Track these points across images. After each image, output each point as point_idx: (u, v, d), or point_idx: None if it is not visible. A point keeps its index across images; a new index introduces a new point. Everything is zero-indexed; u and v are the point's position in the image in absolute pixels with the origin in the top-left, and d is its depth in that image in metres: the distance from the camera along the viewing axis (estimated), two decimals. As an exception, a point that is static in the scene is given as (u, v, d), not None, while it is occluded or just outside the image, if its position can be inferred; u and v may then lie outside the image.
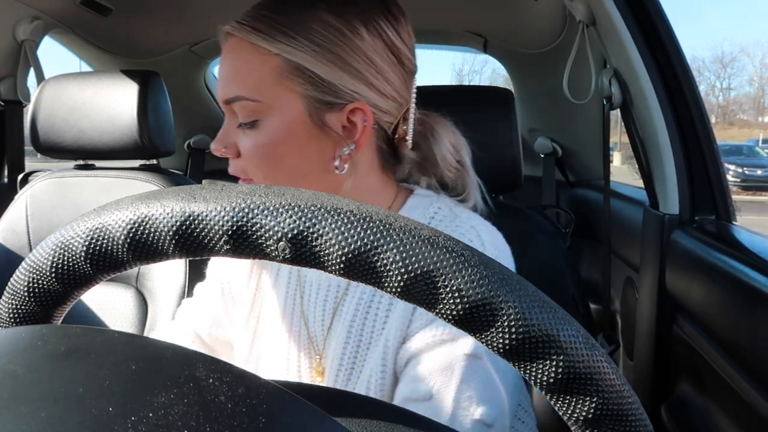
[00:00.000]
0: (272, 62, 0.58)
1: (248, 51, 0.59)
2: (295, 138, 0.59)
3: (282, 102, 0.58)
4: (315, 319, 0.67)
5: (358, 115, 0.60)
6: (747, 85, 48.70)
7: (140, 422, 0.18)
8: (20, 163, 1.61)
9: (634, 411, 0.25)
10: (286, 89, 0.58)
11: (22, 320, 0.30)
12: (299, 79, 0.58)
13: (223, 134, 0.62)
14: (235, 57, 0.60)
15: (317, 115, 0.59)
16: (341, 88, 0.58)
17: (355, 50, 0.58)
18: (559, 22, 1.39)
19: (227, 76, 0.60)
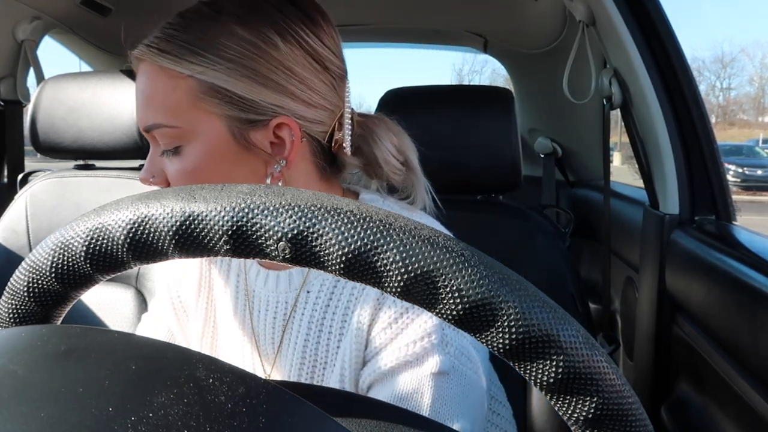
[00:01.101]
0: (185, 85, 0.54)
1: (160, 75, 0.55)
2: (221, 161, 0.56)
3: (201, 125, 0.55)
4: (265, 338, 0.65)
5: (285, 130, 0.56)
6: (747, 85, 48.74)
7: (140, 422, 0.18)
8: (20, 163, 1.61)
9: (634, 411, 0.25)
10: (204, 111, 0.54)
11: (21, 320, 0.30)
12: (216, 100, 0.54)
13: (150, 163, 0.59)
14: (148, 83, 0.56)
15: (241, 135, 0.55)
16: (261, 104, 0.55)
17: (271, 62, 0.55)
18: (559, 22, 1.40)
19: (142, 103, 0.57)
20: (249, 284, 0.67)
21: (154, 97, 0.56)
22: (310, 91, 0.58)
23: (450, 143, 1.04)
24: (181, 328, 0.74)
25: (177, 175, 0.56)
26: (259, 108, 0.55)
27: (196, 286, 0.72)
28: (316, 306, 0.62)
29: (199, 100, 0.54)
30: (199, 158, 0.55)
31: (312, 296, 0.63)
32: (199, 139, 0.55)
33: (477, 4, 1.50)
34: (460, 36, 1.77)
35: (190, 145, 0.55)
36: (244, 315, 0.67)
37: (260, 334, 0.66)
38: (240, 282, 0.68)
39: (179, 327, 0.74)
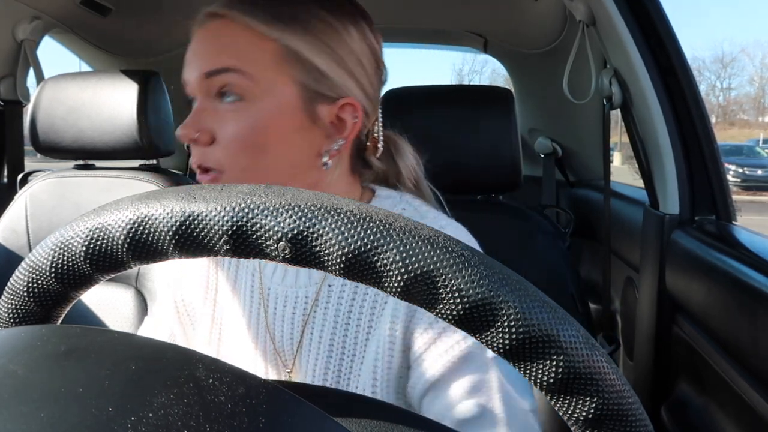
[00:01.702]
0: (269, 46, 0.55)
1: (245, 32, 0.55)
2: (285, 126, 0.56)
3: (277, 86, 0.56)
4: (283, 334, 0.64)
5: (348, 111, 0.59)
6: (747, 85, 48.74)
7: (140, 422, 0.18)
8: (20, 163, 1.61)
9: (634, 411, 0.25)
10: (283, 74, 0.56)
11: (21, 320, 0.30)
12: (298, 67, 0.56)
13: (195, 117, 0.56)
14: (227, 34, 0.56)
15: (310, 105, 0.57)
16: (336, 81, 0.58)
17: (345, 47, 0.58)
18: (559, 22, 1.40)
19: (215, 48, 0.56)
20: (264, 281, 0.66)
21: (233, 46, 0.56)
22: (369, 84, 0.61)
23: (450, 143, 1.04)
24: (184, 330, 0.73)
25: (234, 131, 0.55)
26: (333, 84, 0.58)
27: (203, 288, 0.71)
28: (340, 299, 0.61)
29: (281, 62, 0.56)
30: (264, 116, 0.55)
31: (335, 290, 0.62)
32: (268, 98, 0.55)
33: (477, 4, 1.50)
34: (460, 36, 1.77)
35: (256, 101, 0.55)
36: (258, 313, 0.66)
37: (276, 330, 0.65)
38: (255, 280, 0.67)
39: (182, 330, 0.73)
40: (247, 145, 0.55)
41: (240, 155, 0.56)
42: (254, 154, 0.56)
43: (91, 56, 1.79)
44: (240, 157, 0.56)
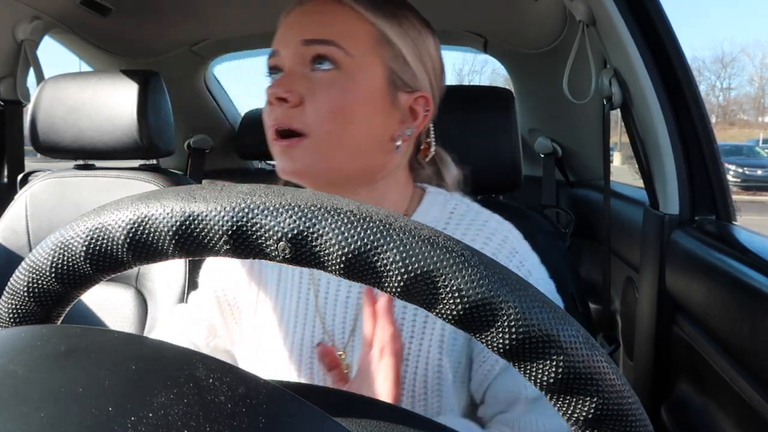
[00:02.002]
0: (368, 28, 0.61)
1: (349, 13, 0.61)
2: (370, 101, 0.61)
3: (369, 64, 0.61)
4: (335, 317, 0.66)
5: (421, 104, 0.65)
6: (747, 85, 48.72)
7: (140, 422, 0.18)
8: (20, 163, 1.61)
9: (634, 411, 0.25)
10: (377, 56, 0.61)
11: (21, 320, 0.30)
12: (389, 50, 0.62)
13: (287, 78, 0.60)
14: (330, 12, 0.61)
15: (393, 89, 0.63)
16: (416, 73, 0.64)
17: (425, 49, 0.65)
18: (559, 22, 1.39)
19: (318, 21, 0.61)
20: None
21: (335, 22, 0.61)
22: (437, 89, 0.68)
23: (450, 143, 1.04)
24: (225, 322, 0.74)
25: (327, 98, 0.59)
26: (412, 75, 0.64)
27: (246, 279, 0.72)
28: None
29: (375, 44, 0.62)
30: (355, 88, 0.60)
31: None
32: (361, 73, 0.61)
33: (477, 4, 1.50)
34: (460, 36, 1.77)
35: (349, 74, 0.60)
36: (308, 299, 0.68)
37: (327, 313, 0.66)
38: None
39: (223, 321, 0.74)
40: (336, 111, 0.59)
41: (328, 120, 0.59)
42: (341, 121, 0.60)
43: (91, 56, 1.79)
44: (327, 122, 0.59)
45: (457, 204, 0.69)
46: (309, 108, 0.59)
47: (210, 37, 1.75)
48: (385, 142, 0.63)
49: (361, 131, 0.61)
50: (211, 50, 1.87)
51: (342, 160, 0.62)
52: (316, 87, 0.59)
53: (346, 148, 0.61)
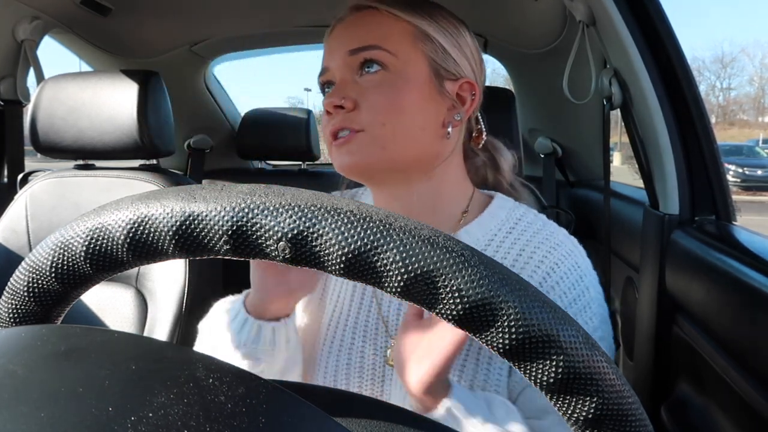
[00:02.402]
0: (407, 28, 0.66)
1: (386, 17, 0.66)
2: (419, 92, 0.65)
3: (413, 60, 0.65)
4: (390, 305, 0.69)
5: (466, 90, 0.69)
6: (747, 85, 48.69)
7: (140, 422, 0.18)
8: (20, 163, 1.61)
9: (634, 411, 0.25)
10: (418, 50, 0.66)
11: (21, 320, 0.30)
12: (429, 45, 0.66)
13: (340, 88, 0.65)
14: (369, 21, 0.66)
15: (438, 78, 0.66)
16: (458, 62, 0.68)
17: (463, 40, 0.70)
18: (559, 22, 1.39)
19: (359, 32, 0.66)
20: None
21: (375, 29, 0.66)
22: (480, 75, 0.72)
23: None
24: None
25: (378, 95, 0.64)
26: (455, 64, 0.68)
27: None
28: None
29: (415, 40, 0.66)
30: (403, 82, 0.64)
31: None
32: (406, 69, 0.65)
33: (477, 4, 1.50)
34: (461, 36, 1.76)
35: (397, 71, 0.64)
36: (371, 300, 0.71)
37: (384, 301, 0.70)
38: None
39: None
40: (388, 106, 0.64)
41: (381, 114, 0.64)
42: (394, 113, 0.64)
43: (91, 56, 1.79)
44: (381, 116, 0.63)
45: (524, 212, 0.72)
46: (363, 109, 0.63)
47: (210, 37, 1.75)
48: (437, 129, 0.67)
49: (414, 120, 0.64)
50: (211, 50, 1.87)
51: (397, 149, 0.64)
52: (368, 89, 0.64)
53: (400, 137, 0.64)
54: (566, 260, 0.66)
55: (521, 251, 0.66)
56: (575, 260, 0.67)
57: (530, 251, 0.66)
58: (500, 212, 0.70)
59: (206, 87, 2.08)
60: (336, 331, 0.71)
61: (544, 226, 0.69)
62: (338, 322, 0.71)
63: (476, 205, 0.71)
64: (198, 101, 2.10)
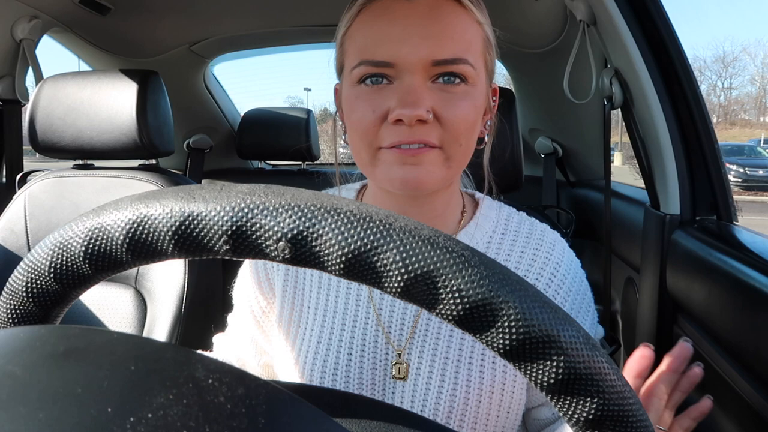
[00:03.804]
0: (479, 31, 0.59)
1: (463, 14, 0.57)
2: (483, 108, 0.61)
3: (482, 71, 0.60)
4: (392, 314, 0.65)
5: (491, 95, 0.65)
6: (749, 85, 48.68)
7: (139, 423, 0.17)
8: (19, 163, 1.61)
9: (634, 412, 0.25)
10: (484, 59, 0.60)
11: (20, 320, 0.30)
12: (490, 51, 0.61)
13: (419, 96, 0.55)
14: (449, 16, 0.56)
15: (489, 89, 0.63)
16: (492, 68, 0.63)
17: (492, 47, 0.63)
18: (560, 22, 1.39)
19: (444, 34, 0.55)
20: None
21: (459, 32, 0.57)
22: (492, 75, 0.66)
23: None
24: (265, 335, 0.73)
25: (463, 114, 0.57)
26: (493, 69, 0.63)
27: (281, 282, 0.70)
28: None
29: (485, 49, 0.60)
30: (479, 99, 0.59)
31: None
32: (479, 84, 0.59)
33: (477, 4, 1.50)
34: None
35: (476, 85, 0.58)
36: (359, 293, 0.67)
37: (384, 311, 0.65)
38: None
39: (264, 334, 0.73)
40: (469, 124, 0.58)
41: (462, 134, 0.57)
42: (471, 132, 0.59)
43: (90, 56, 1.79)
44: (461, 136, 0.57)
45: (510, 213, 0.69)
46: (445, 123, 0.56)
47: (210, 36, 1.75)
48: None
49: (476, 134, 0.60)
50: (210, 50, 1.87)
51: (459, 168, 0.60)
52: (449, 101, 0.56)
53: (468, 156, 0.60)
54: (564, 258, 0.67)
55: (522, 254, 0.66)
56: (569, 256, 0.68)
57: (531, 254, 0.66)
58: (491, 213, 0.69)
59: (206, 87, 2.09)
60: (329, 347, 0.65)
61: (533, 226, 0.68)
62: (330, 337, 0.66)
63: (468, 206, 0.70)
64: (197, 101, 2.10)
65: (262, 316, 0.73)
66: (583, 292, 0.68)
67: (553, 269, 0.65)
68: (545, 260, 0.65)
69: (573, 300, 0.66)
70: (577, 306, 0.66)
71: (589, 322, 0.68)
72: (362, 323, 0.65)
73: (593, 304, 0.70)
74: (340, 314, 0.67)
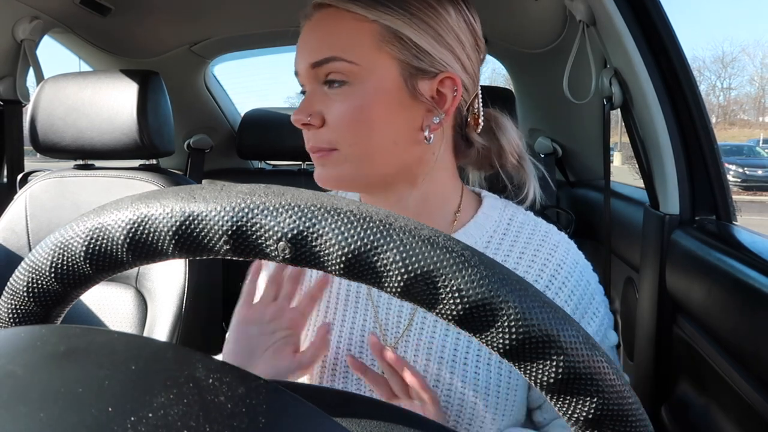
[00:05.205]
0: (370, 28, 0.59)
1: (345, 17, 0.59)
2: (388, 102, 0.59)
3: (378, 66, 0.59)
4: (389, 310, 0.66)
5: (448, 85, 0.61)
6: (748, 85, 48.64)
7: (140, 422, 0.17)
8: (20, 163, 1.61)
9: (634, 411, 0.25)
10: (384, 54, 0.59)
11: (21, 320, 0.30)
12: (396, 45, 0.59)
13: (307, 103, 0.61)
14: (330, 24, 0.60)
15: (411, 81, 0.60)
16: (434, 57, 0.60)
17: (444, 24, 0.61)
18: (560, 22, 1.39)
19: (319, 39, 0.60)
20: None
21: (335, 34, 0.59)
22: (468, 60, 0.64)
23: None
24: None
25: (343, 111, 0.59)
26: (432, 60, 0.60)
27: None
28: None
29: (382, 42, 0.59)
30: (368, 96, 0.59)
31: None
32: (372, 79, 0.59)
33: (477, 5, 1.50)
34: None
35: (361, 83, 0.59)
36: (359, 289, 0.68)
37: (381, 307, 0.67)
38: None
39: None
40: (353, 123, 0.59)
41: (348, 133, 0.59)
42: (362, 129, 0.59)
43: (90, 56, 1.79)
44: (348, 135, 0.59)
45: (514, 212, 0.69)
46: (331, 125, 0.60)
47: (210, 37, 1.75)
48: (414, 136, 0.62)
49: (386, 136, 0.60)
50: (210, 50, 1.87)
51: (373, 166, 0.61)
52: (333, 103, 0.59)
53: (374, 155, 0.60)
54: (567, 259, 0.66)
55: (522, 254, 0.66)
56: (574, 258, 0.67)
57: (531, 254, 0.65)
58: (493, 212, 0.68)
59: (206, 87, 2.08)
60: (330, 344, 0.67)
61: (537, 226, 0.68)
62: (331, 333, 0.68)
63: (468, 205, 0.69)
64: (198, 101, 2.09)
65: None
66: (590, 295, 0.66)
67: (554, 270, 0.64)
68: (546, 261, 0.65)
69: (577, 302, 0.65)
70: (582, 308, 0.65)
71: (595, 326, 0.66)
72: (361, 320, 0.67)
73: (604, 308, 0.68)
74: (341, 310, 0.68)
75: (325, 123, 0.60)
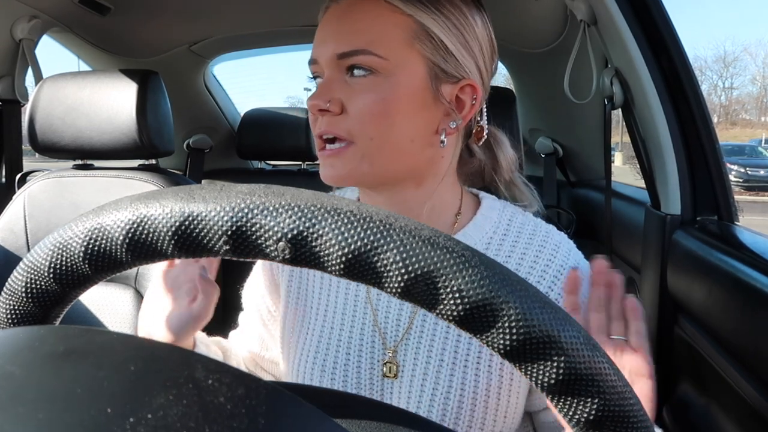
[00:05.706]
0: (404, 23, 0.58)
1: (378, 7, 0.58)
2: (411, 100, 0.59)
3: (408, 62, 0.58)
4: (388, 314, 0.66)
5: (467, 93, 0.62)
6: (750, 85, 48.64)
7: (139, 423, 0.17)
8: (18, 163, 1.61)
9: (635, 412, 0.25)
10: (414, 51, 0.58)
11: (20, 321, 0.30)
12: (428, 44, 0.59)
13: (325, 88, 0.59)
14: (362, 11, 0.58)
15: (435, 83, 0.60)
16: (460, 62, 0.60)
17: (471, 32, 0.61)
18: (560, 22, 1.39)
19: (349, 27, 0.58)
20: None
21: (366, 25, 0.58)
22: (486, 71, 0.65)
23: None
24: (270, 333, 0.76)
25: (366, 103, 0.58)
26: (456, 65, 0.60)
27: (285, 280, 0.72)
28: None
29: (413, 39, 0.58)
30: (394, 90, 0.58)
31: None
32: (399, 73, 0.58)
33: (477, 4, 1.50)
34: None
35: (388, 76, 0.58)
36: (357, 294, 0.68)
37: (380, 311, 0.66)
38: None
39: (269, 332, 0.77)
40: (376, 116, 0.58)
41: (369, 125, 0.58)
42: (382, 124, 0.58)
43: (89, 55, 1.79)
44: (369, 127, 0.58)
45: (513, 212, 0.68)
46: (351, 114, 0.58)
47: (209, 36, 1.75)
48: (429, 138, 0.61)
49: (405, 133, 0.59)
50: (210, 50, 1.87)
51: (387, 162, 0.60)
52: (356, 93, 0.58)
53: (390, 151, 0.59)
54: (569, 260, 0.65)
55: (523, 255, 0.65)
56: (576, 259, 0.66)
57: (533, 255, 0.65)
58: (492, 213, 0.68)
59: (206, 87, 2.08)
60: (329, 347, 0.67)
61: (537, 227, 0.67)
62: (330, 337, 0.68)
63: (467, 206, 0.68)
64: (197, 101, 2.09)
65: (268, 316, 0.76)
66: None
67: (556, 271, 0.64)
68: (548, 262, 0.64)
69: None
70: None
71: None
72: (360, 322, 0.67)
73: None
74: (340, 314, 0.68)
75: (344, 111, 0.58)
